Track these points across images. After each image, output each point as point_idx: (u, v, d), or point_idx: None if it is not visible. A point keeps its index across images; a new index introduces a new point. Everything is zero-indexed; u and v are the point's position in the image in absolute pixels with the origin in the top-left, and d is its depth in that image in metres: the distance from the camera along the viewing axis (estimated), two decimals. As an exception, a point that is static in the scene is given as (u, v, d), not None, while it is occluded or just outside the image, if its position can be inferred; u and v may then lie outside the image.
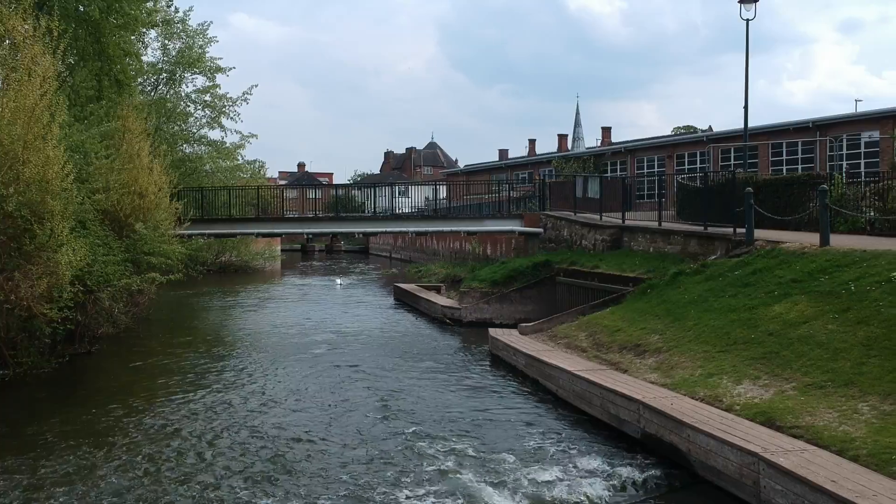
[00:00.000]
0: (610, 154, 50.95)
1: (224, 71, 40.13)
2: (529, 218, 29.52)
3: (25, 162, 15.41)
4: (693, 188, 23.94)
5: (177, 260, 27.48)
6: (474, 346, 21.03)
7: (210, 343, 22.46)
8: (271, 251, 61.58)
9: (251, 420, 13.65)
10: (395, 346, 21.35)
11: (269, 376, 17.68)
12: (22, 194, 15.31)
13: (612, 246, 23.47)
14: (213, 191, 34.44)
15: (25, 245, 15.47)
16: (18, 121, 15.46)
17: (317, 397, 15.48)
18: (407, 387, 16.19)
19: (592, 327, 17.21)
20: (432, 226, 31.75)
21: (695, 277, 17.11)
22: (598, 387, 12.33)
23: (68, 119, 19.53)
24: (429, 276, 42.07)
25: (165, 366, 18.95)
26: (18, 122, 15.45)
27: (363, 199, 38.99)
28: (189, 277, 33.79)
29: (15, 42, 16.98)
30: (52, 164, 15.86)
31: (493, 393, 15.37)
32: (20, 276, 15.10)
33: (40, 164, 15.70)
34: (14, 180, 15.21)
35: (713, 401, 10.70)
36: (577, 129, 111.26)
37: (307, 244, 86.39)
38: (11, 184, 15.16)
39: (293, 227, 34.43)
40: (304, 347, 21.56)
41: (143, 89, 38.66)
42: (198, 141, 41.04)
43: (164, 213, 28.63)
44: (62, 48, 18.63)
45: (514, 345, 17.11)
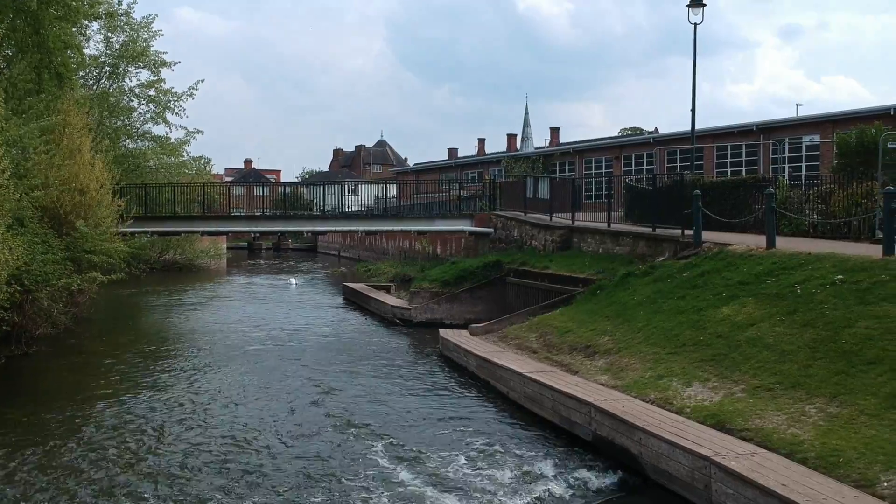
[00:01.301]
0: (559, 154, 51.34)
1: (169, 65, 39.23)
2: (479, 218, 29.50)
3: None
4: (641, 190, 24.16)
5: (119, 259, 26.82)
6: (424, 346, 20.89)
7: (150, 343, 21.92)
8: (216, 249, 60.54)
9: (188, 421, 13.37)
10: (342, 347, 21.10)
11: (208, 377, 17.32)
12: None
13: (562, 247, 23.56)
14: (156, 187, 33.67)
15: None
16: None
17: (256, 400, 15.12)
18: (353, 389, 15.98)
19: (543, 328, 17.22)
20: (382, 225, 31.53)
21: (644, 279, 17.24)
22: (549, 389, 12.30)
23: (5, 113, 18.84)
24: (378, 275, 41.77)
25: (104, 367, 18.41)
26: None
27: (312, 198, 38.57)
28: (131, 276, 33.00)
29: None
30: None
31: (443, 395, 15.25)
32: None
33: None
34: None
35: (664, 403, 10.74)
36: (526, 129, 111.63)
37: (254, 242, 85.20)
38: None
39: (240, 226, 33.94)
40: (245, 347, 21.17)
41: (85, 83, 37.60)
42: (142, 136, 40.04)
43: (106, 210, 27.88)
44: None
45: (464, 346, 17.02)
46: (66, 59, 25.82)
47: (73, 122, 27.17)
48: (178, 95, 39.38)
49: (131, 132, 39.42)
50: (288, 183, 56.02)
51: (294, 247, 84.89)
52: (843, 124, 33.26)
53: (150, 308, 31.86)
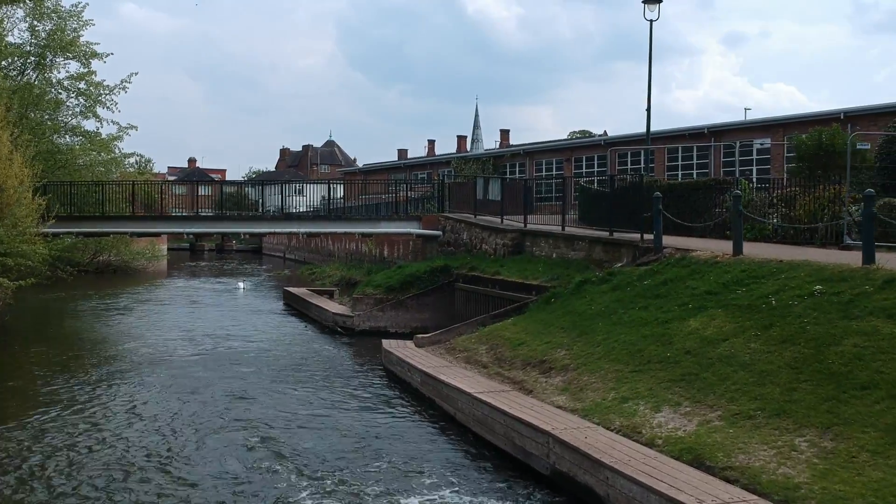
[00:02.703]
0: (509, 156, 50.32)
1: (101, 57, 36.93)
2: (428, 219, 28.12)
3: None
4: (596, 192, 23.07)
5: (39, 261, 24.81)
6: (366, 358, 19.43)
7: (62, 354, 20.03)
8: (155, 251, 58.10)
9: (94, 445, 11.94)
10: (277, 359, 19.50)
11: (123, 393, 15.70)
12: None
13: (513, 251, 22.31)
14: (83, 185, 31.56)
15: None
16: None
17: (173, 419, 13.66)
18: (283, 407, 14.50)
19: (494, 340, 15.90)
20: (325, 227, 29.94)
21: (601, 287, 16.05)
22: (501, 413, 10.96)
23: None
24: (323, 278, 40.14)
25: (6, 383, 16.53)
26: None
27: (257, 198, 36.75)
28: (58, 279, 30.82)
29: None
30: None
31: (383, 416, 13.81)
32: None
33: None
34: None
35: (631, 432, 9.47)
36: (477, 130, 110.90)
37: (196, 243, 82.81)
38: None
39: (173, 227, 31.97)
40: (169, 358, 19.52)
41: (8, 74, 35.22)
42: (70, 132, 37.70)
43: (25, 209, 25.86)
44: None
45: (408, 359, 15.61)
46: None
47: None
48: (109, 88, 37.16)
49: (58, 127, 37.08)
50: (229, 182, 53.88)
51: (238, 248, 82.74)
52: (794, 128, 33.13)
53: (74, 314, 29.74)
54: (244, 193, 40.42)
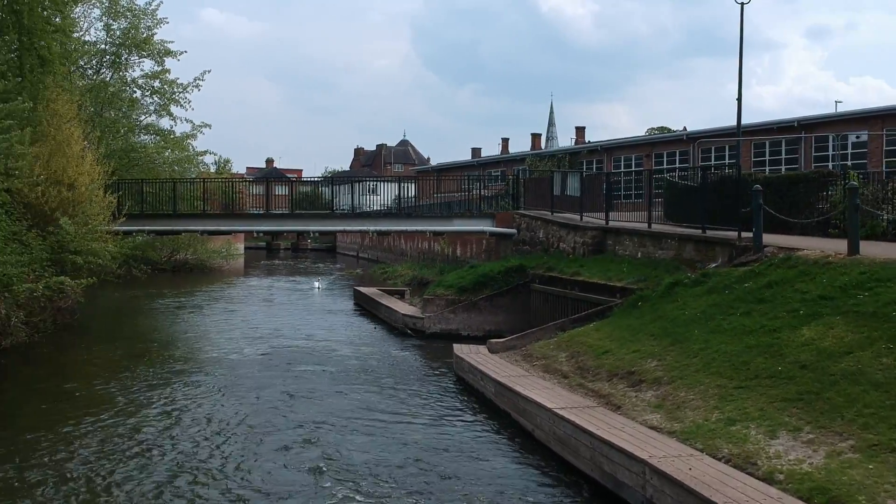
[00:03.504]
0: (586, 152, 48.69)
1: (174, 55, 36.91)
2: (502, 217, 26.84)
3: None
4: (685, 186, 21.37)
5: (108, 259, 24.52)
6: (436, 363, 18.29)
7: (129, 355, 19.45)
8: (230, 249, 58.44)
9: (143, 448, 11.44)
10: (342, 361, 18.52)
11: (182, 394, 15.07)
12: None
13: (594, 250, 20.86)
14: (156, 183, 31.39)
15: None
16: None
17: (228, 422, 13.03)
18: (343, 412, 13.64)
19: (575, 346, 14.55)
20: (396, 225, 28.98)
21: (695, 289, 14.52)
22: (587, 434, 9.64)
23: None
24: (394, 277, 39.29)
25: (67, 383, 16.00)
26: None
27: (332, 196, 36.06)
28: (133, 278, 30.71)
29: None
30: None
31: (452, 429, 12.62)
32: None
33: None
34: None
35: (744, 463, 8.04)
36: (551, 128, 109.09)
37: (273, 242, 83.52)
38: None
39: (245, 224, 31.49)
40: (235, 360, 18.82)
41: (85, 73, 35.47)
42: (144, 130, 37.78)
43: (96, 207, 25.68)
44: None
45: (481, 367, 14.39)
46: (49, 41, 23.48)
47: (60, 112, 25.00)
48: (183, 86, 37.11)
49: (133, 125, 37.16)
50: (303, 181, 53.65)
51: (313, 247, 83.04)
52: (893, 120, 30.91)
53: (145, 312, 29.53)
54: (319, 193, 39.84)
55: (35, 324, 20.48)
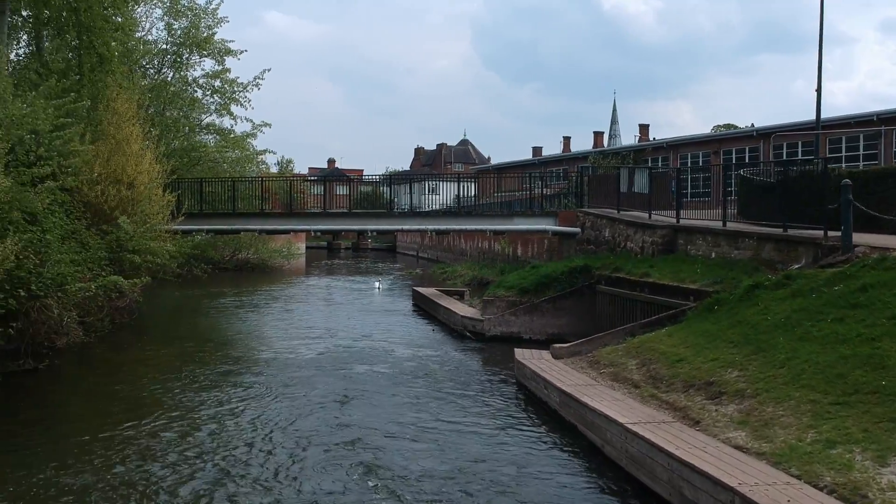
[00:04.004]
0: (651, 150, 47.23)
1: (235, 54, 36.87)
2: (565, 216, 25.83)
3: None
4: (761, 183, 20.08)
5: (166, 258, 24.35)
6: (496, 368, 17.46)
7: (184, 355, 19.13)
8: (291, 249, 58.57)
9: (192, 458, 10.85)
10: (398, 364, 17.81)
11: (232, 396, 14.65)
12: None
13: (664, 249, 19.74)
14: (215, 182, 31.25)
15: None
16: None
17: (276, 425, 12.60)
18: (397, 418, 13.03)
19: (646, 353, 13.55)
20: (455, 224, 28.17)
21: (777, 293, 13.37)
22: (664, 454, 8.69)
23: (8, 90, 16.36)
24: (454, 277, 38.57)
25: (121, 384, 15.66)
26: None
27: (392, 196, 35.51)
28: (193, 277, 30.67)
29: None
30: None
31: (512, 441, 11.77)
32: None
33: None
34: None
35: (852, 495, 7.00)
36: (614, 126, 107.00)
37: (333, 242, 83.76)
38: None
39: (304, 224, 31.04)
40: (289, 360, 18.36)
41: (147, 72, 35.64)
42: (205, 129, 37.84)
43: (155, 206, 25.56)
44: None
45: (544, 374, 13.50)
46: (107, 39, 23.38)
47: (120, 110, 24.94)
48: (243, 85, 37.03)
49: (193, 125, 37.24)
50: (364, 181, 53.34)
51: (373, 246, 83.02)
52: None
53: (204, 312, 29.35)
54: (378, 192, 39.32)
55: (91, 323, 20.32)
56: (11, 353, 16.11)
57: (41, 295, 15.63)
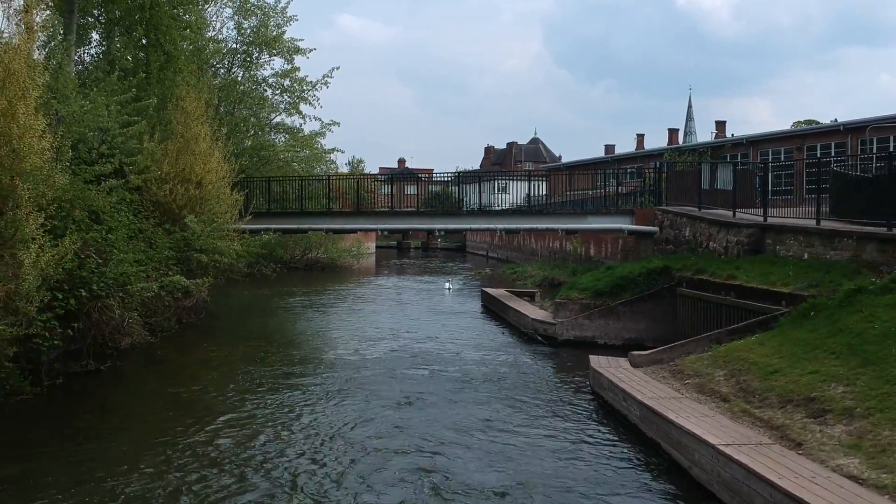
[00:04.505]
0: (729, 146, 45.27)
1: (304, 52, 36.62)
2: (641, 214, 24.60)
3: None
4: (858, 178, 18.60)
5: (233, 258, 24.11)
6: (569, 375, 16.49)
7: (250, 358, 18.68)
8: (361, 249, 58.46)
9: (249, 464, 10.42)
10: (466, 370, 16.96)
11: (294, 404, 14.01)
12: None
13: (750, 250, 18.42)
14: (283, 181, 31.02)
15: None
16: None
17: (332, 428, 12.20)
18: (459, 425, 12.34)
19: (734, 363, 12.41)
20: (526, 222, 27.18)
21: (884, 298, 12.08)
22: (765, 483, 7.64)
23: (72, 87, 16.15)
24: (524, 278, 37.60)
25: (182, 388, 15.23)
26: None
27: (460, 196, 34.77)
28: (263, 276, 30.48)
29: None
30: (25, 133, 12.25)
31: (587, 458, 10.80)
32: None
33: (13, 133, 12.15)
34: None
35: None
36: (690, 123, 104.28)
37: (403, 242, 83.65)
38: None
39: (372, 223, 30.56)
40: (352, 361, 17.86)
41: (217, 72, 35.67)
42: (274, 128, 37.72)
43: (223, 205, 25.38)
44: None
45: (623, 385, 12.49)
46: (174, 37, 23.22)
47: (188, 109, 24.83)
48: (312, 84, 36.74)
49: (263, 124, 37.14)
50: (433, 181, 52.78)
51: (443, 246, 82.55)
52: None
53: (271, 311, 29.10)
54: (448, 192, 38.59)
55: (157, 323, 20.14)
56: (74, 354, 15.90)
57: (102, 295, 15.35)
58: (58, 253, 12.55)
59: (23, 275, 11.60)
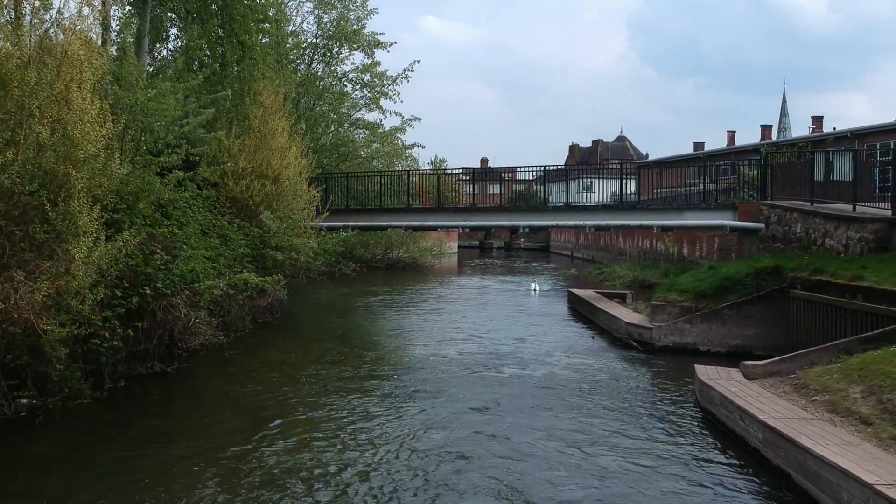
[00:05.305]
0: (832, 140, 42.29)
1: (384, 46, 35.73)
2: (745, 209, 22.56)
3: (39, 115, 11.09)
4: None
5: (309, 255, 23.26)
6: (670, 385, 14.83)
7: (324, 359, 17.67)
8: (443, 248, 57.50)
9: (309, 478, 9.46)
10: (554, 380, 15.42)
11: (364, 410, 12.95)
12: (30, 162, 11.05)
13: (877, 247, 16.36)
14: (362, 177, 30.13)
15: (37, 234, 11.21)
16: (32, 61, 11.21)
17: (394, 440, 11.07)
18: (552, 447, 10.74)
19: (873, 377, 10.59)
20: (617, 219, 25.45)
21: None
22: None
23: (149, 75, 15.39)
24: (612, 279, 35.73)
25: (248, 392, 14.26)
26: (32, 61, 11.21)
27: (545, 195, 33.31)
28: (343, 275, 29.64)
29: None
30: (80, 119, 11.43)
31: (701, 491, 9.15)
32: (20, 276, 10.74)
33: (67, 119, 11.35)
34: (16, 141, 10.92)
35: None
36: (784, 119, 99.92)
37: (485, 241, 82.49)
38: (13, 145, 10.87)
39: (453, 220, 29.23)
40: (432, 368, 16.60)
41: (297, 67, 35.09)
42: (353, 124, 36.95)
43: (300, 201, 24.64)
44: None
45: (740, 402, 10.81)
46: (249, 27, 22.46)
47: (266, 103, 24.16)
48: (392, 78, 35.83)
49: (343, 119, 36.40)
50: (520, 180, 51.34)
51: (526, 246, 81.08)
52: None
53: (352, 311, 28.17)
54: (533, 190, 37.00)
55: (231, 322, 19.38)
56: (140, 355, 15.15)
57: (168, 293, 14.52)
58: (114, 247, 11.66)
59: (74, 270, 10.72)
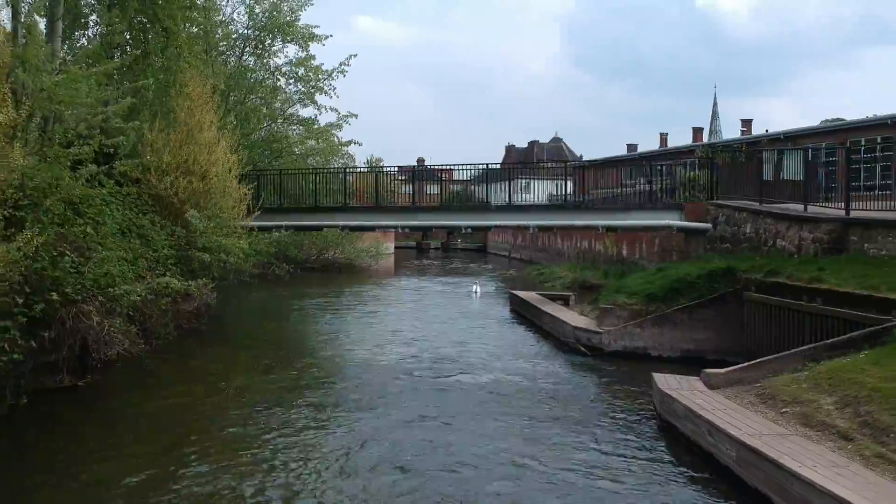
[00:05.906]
0: (766, 142, 42.45)
1: (319, 39, 34.28)
2: (692, 209, 22.03)
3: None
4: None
5: (239, 257, 21.85)
6: (624, 393, 14.05)
7: (254, 368, 16.47)
8: (380, 248, 56.17)
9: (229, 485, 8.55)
10: (500, 387, 14.49)
11: (294, 424, 11.85)
12: None
13: (830, 248, 15.89)
14: (295, 174, 28.71)
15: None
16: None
17: (336, 453, 10.05)
18: (496, 462, 9.74)
19: (845, 387, 9.91)
20: (559, 219, 24.68)
21: None
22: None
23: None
24: (552, 280, 35.06)
25: (166, 408, 12.98)
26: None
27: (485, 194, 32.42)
28: (276, 277, 28.18)
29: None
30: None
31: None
32: None
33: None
34: None
35: None
36: (715, 121, 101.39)
37: (422, 242, 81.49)
38: None
39: (391, 219, 28.00)
40: (369, 375, 15.59)
41: (227, 59, 33.46)
42: (287, 119, 35.47)
43: (229, 199, 23.15)
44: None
45: (707, 416, 10.00)
46: (173, 11, 20.96)
47: (192, 95, 22.62)
48: (328, 72, 34.40)
49: (275, 114, 34.90)
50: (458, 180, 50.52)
51: (463, 246, 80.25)
52: None
53: (285, 315, 26.85)
54: (470, 191, 36.03)
55: (152, 330, 17.89)
56: (49, 367, 13.66)
57: (78, 299, 13.08)
58: (11, 249, 10.25)
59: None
